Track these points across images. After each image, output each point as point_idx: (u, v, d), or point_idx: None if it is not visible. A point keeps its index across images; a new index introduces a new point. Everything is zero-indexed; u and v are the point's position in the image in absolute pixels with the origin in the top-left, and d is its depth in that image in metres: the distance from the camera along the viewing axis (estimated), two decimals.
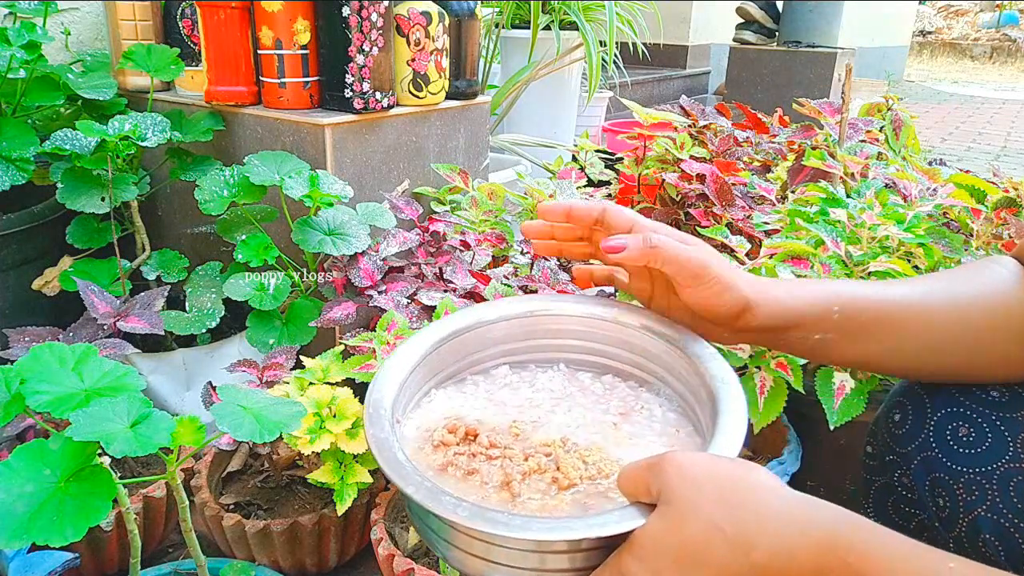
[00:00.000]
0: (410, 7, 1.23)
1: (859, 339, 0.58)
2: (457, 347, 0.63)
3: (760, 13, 3.95)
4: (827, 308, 0.57)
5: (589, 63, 2.16)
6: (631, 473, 0.47)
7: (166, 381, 1.14)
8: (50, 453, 0.57)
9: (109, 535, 0.90)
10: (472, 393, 0.62)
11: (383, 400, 0.54)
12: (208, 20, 1.17)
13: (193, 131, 1.21)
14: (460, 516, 0.43)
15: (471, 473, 0.52)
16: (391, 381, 0.56)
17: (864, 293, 0.58)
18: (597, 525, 0.44)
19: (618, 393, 0.61)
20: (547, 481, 0.51)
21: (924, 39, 10.21)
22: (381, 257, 1.13)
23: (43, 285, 1.18)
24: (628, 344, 0.63)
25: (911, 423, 0.61)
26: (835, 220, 1.04)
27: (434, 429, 0.56)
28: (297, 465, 1.02)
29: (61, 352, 0.65)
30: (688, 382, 0.58)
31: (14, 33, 1.11)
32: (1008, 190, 1.17)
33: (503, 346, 0.65)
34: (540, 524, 0.43)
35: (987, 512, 0.54)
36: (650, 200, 1.48)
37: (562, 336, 0.65)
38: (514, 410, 0.59)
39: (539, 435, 0.55)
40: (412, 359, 0.59)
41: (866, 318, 0.57)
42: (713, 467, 0.44)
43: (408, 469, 0.47)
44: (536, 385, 0.62)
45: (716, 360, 0.56)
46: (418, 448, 0.55)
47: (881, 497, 0.67)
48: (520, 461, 0.52)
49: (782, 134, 1.56)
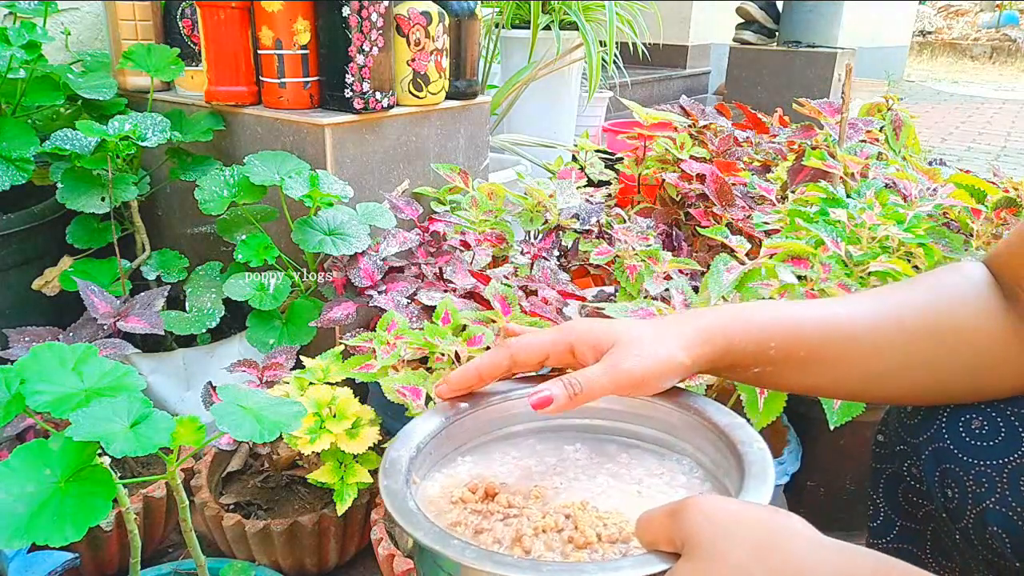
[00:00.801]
0: (410, 7, 1.23)
1: (800, 371, 0.57)
2: (481, 418, 0.62)
3: (760, 13, 3.95)
4: (764, 345, 0.56)
5: (589, 63, 2.16)
6: (651, 520, 0.44)
7: (166, 381, 1.14)
8: (50, 453, 0.57)
9: (109, 535, 0.90)
10: (499, 460, 0.61)
11: (400, 458, 0.54)
12: (208, 20, 1.17)
13: (193, 131, 1.21)
14: (467, 558, 0.42)
15: (479, 532, 0.51)
16: (409, 443, 0.56)
17: (807, 324, 0.57)
18: (611, 569, 0.41)
19: (644, 463, 0.61)
20: (563, 540, 0.49)
21: (924, 39, 10.21)
22: (381, 257, 1.13)
23: (43, 285, 1.19)
24: (652, 419, 0.62)
25: (924, 413, 0.61)
26: (835, 220, 1.04)
27: (455, 490, 0.56)
28: (297, 465, 1.02)
29: (61, 352, 0.65)
30: (713, 452, 0.57)
31: (14, 33, 1.11)
32: (1008, 190, 1.17)
33: (527, 424, 0.64)
34: (551, 568, 0.42)
35: (996, 505, 0.54)
36: (650, 200, 1.48)
37: (585, 414, 0.64)
38: (538, 476, 0.59)
39: (560, 499, 0.55)
40: (431, 426, 0.59)
41: (805, 352, 0.56)
42: (744, 513, 0.41)
43: (419, 517, 0.47)
44: (561, 455, 0.62)
45: (744, 428, 0.55)
46: (437, 511, 0.54)
47: (890, 486, 0.67)
48: (537, 520, 0.51)
49: (782, 134, 1.57)
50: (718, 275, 0.97)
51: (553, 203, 1.28)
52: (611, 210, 1.36)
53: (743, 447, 0.53)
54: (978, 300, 0.57)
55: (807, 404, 0.97)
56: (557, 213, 1.28)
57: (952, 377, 0.57)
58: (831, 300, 0.61)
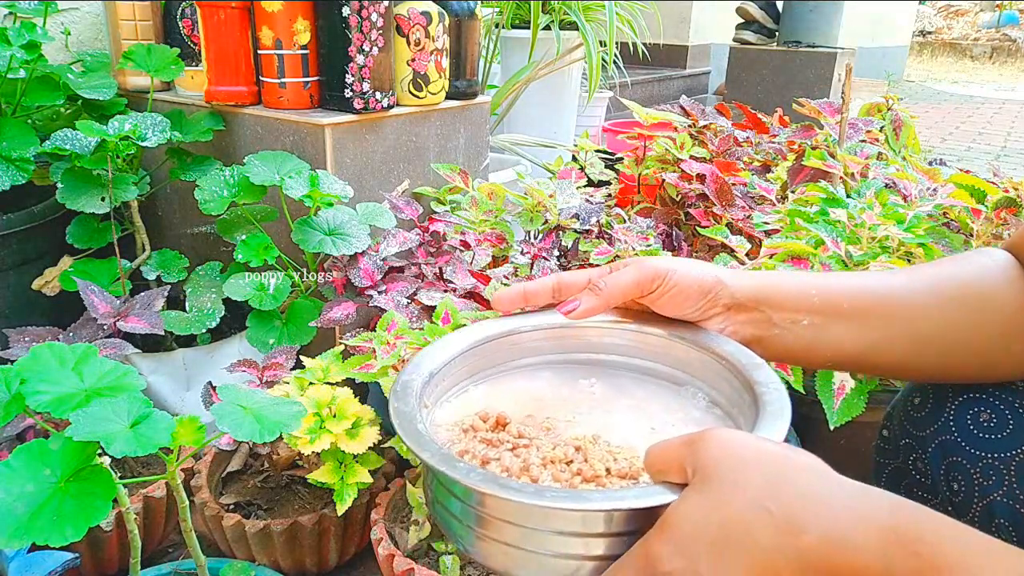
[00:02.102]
0: (410, 7, 1.23)
1: (846, 324, 0.57)
2: (495, 349, 0.62)
3: (760, 13, 3.95)
4: (806, 291, 0.57)
5: (589, 63, 2.17)
6: (663, 449, 0.43)
7: (166, 381, 1.14)
8: (50, 453, 0.57)
9: (109, 535, 0.90)
10: (512, 390, 0.61)
11: (412, 382, 0.53)
12: (208, 20, 1.17)
13: (193, 131, 1.21)
14: (473, 480, 0.42)
15: (487, 462, 0.50)
16: (422, 369, 0.56)
17: (844, 281, 0.59)
18: (616, 498, 0.41)
19: (660, 398, 0.60)
20: (571, 472, 0.49)
21: (924, 39, 10.21)
22: (381, 257, 1.13)
23: (43, 285, 1.18)
24: (668, 356, 0.62)
25: (931, 406, 0.61)
26: (835, 220, 1.04)
27: (465, 418, 0.56)
28: (297, 465, 1.02)
29: (61, 352, 0.65)
30: (728, 391, 0.57)
31: (14, 33, 1.11)
32: (1008, 190, 1.17)
33: (540, 356, 0.64)
34: (554, 493, 0.42)
35: (1003, 497, 0.54)
36: (650, 200, 1.48)
37: (600, 350, 0.64)
38: (551, 407, 0.58)
39: (571, 431, 0.54)
40: (446, 355, 0.58)
41: (848, 304, 0.57)
42: (761, 447, 0.41)
43: (426, 439, 0.46)
44: (575, 388, 0.62)
45: (762, 369, 0.55)
46: (447, 438, 0.54)
47: (893, 481, 0.67)
48: (547, 450, 0.51)
49: (782, 134, 1.57)
50: None
51: (553, 203, 1.28)
52: (611, 210, 1.36)
53: (760, 387, 0.52)
54: (1005, 274, 0.57)
55: (807, 404, 0.97)
56: (557, 213, 1.28)
57: (983, 347, 0.57)
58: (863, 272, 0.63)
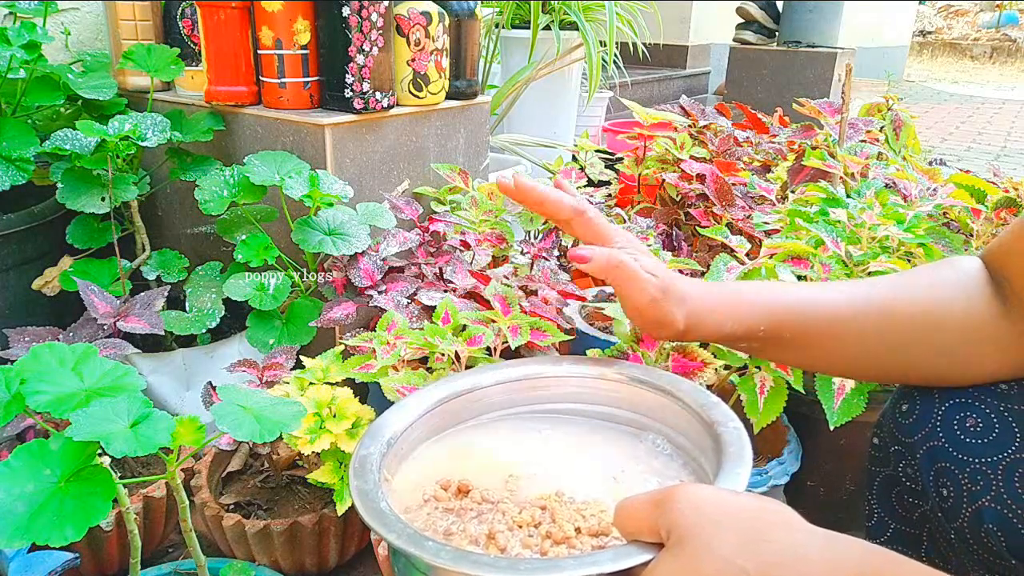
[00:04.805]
0: (410, 7, 1.23)
1: (786, 349, 0.62)
2: (454, 409, 0.62)
3: (760, 13, 3.94)
4: (754, 327, 0.60)
5: (589, 63, 2.17)
6: (632, 508, 0.43)
7: (166, 381, 1.14)
8: (50, 453, 0.57)
9: (109, 535, 0.90)
10: (468, 445, 0.61)
11: (371, 456, 0.53)
12: (208, 20, 1.17)
13: (193, 131, 1.21)
14: (443, 560, 0.41)
15: (448, 535, 0.50)
16: (381, 438, 0.56)
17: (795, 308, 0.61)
18: (590, 564, 0.40)
19: (620, 446, 0.60)
20: (541, 535, 0.48)
21: (924, 39, 10.21)
22: (381, 257, 1.13)
23: (43, 285, 1.19)
24: (625, 400, 0.62)
25: (919, 413, 0.61)
26: (835, 220, 1.04)
27: (426, 484, 0.55)
28: (297, 465, 1.02)
29: (61, 352, 0.65)
30: (688, 432, 0.57)
31: (14, 33, 1.11)
32: (1008, 190, 1.17)
33: (500, 411, 0.64)
34: (528, 565, 0.40)
35: (991, 502, 0.54)
36: (650, 200, 1.49)
37: (560, 400, 0.65)
38: (511, 463, 0.58)
39: (535, 489, 0.54)
40: (405, 420, 0.58)
41: (791, 334, 0.60)
42: (732, 504, 0.41)
43: (391, 518, 0.46)
44: (537, 439, 0.61)
45: (719, 407, 0.56)
46: (408, 510, 0.54)
47: (885, 489, 0.67)
48: (513, 514, 0.50)
49: (782, 134, 1.57)
50: (718, 275, 0.98)
51: None
52: (611, 210, 1.36)
53: (719, 427, 0.53)
54: (967, 287, 0.59)
55: (807, 404, 0.97)
56: None
57: (938, 359, 0.59)
58: (827, 284, 0.65)
